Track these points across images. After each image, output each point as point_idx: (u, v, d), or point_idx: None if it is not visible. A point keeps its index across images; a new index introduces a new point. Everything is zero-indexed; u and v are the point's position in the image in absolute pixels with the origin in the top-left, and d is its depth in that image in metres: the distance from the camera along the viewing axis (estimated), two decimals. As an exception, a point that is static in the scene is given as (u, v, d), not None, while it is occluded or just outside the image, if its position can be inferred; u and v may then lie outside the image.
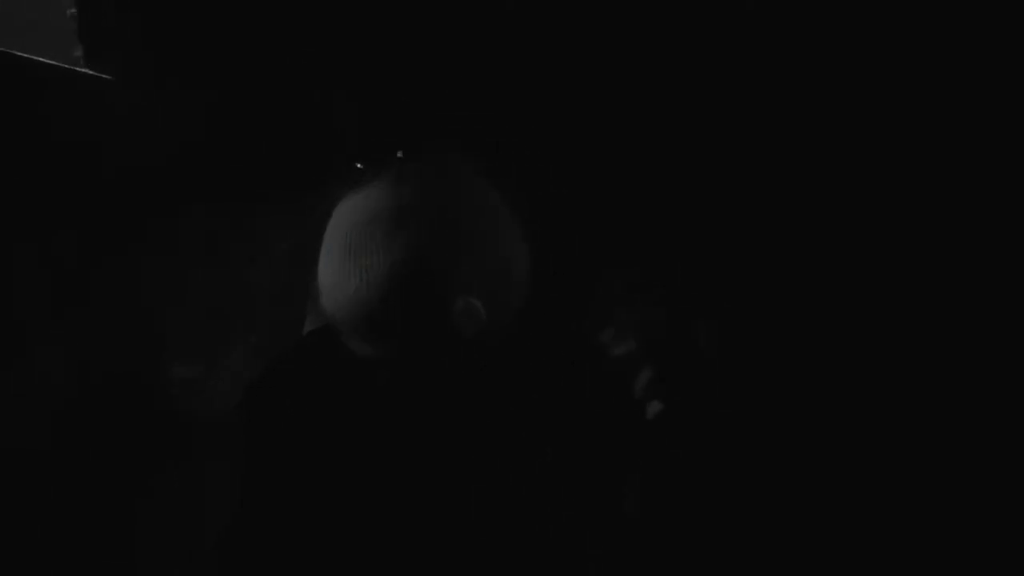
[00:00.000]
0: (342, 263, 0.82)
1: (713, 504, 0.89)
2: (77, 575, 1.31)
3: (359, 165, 1.35)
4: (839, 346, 1.07)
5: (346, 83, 1.33)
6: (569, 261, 1.11)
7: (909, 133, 1.10)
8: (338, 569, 0.86)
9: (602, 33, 1.20)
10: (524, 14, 1.22)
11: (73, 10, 1.35)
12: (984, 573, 1.00)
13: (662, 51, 1.18)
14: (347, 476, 0.87)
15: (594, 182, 1.20)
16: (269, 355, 0.97)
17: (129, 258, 1.36)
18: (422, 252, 0.80)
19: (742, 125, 1.15)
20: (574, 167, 1.21)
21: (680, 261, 1.14)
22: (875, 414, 1.04)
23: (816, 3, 1.11)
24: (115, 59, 1.38)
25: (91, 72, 1.37)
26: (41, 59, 1.35)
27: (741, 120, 1.15)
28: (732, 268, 1.13)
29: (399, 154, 1.29)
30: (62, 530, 1.30)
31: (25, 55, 1.34)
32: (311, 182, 1.37)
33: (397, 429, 0.88)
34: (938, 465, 1.02)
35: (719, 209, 1.15)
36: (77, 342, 1.33)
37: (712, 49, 1.16)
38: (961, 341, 1.05)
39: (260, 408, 0.93)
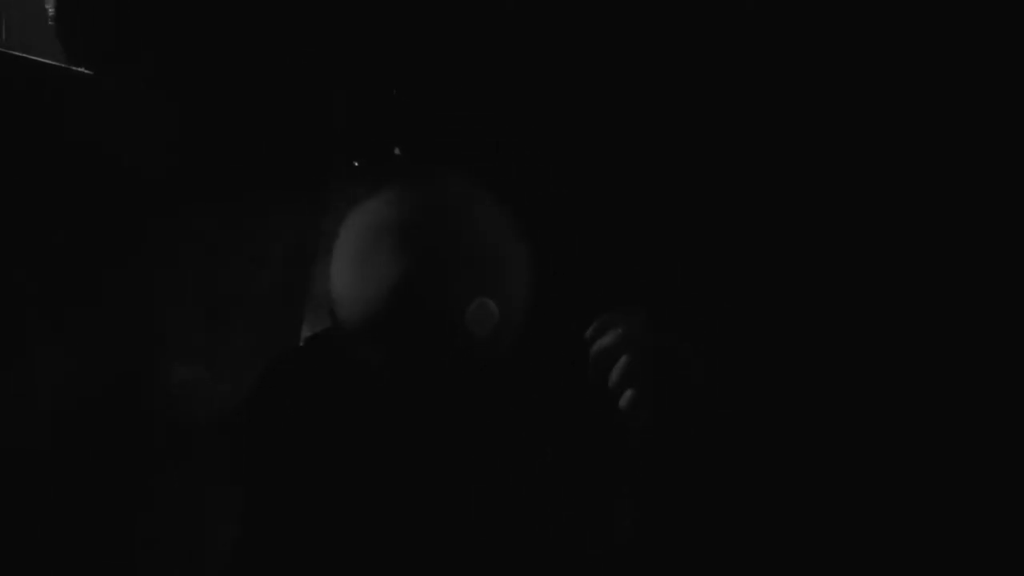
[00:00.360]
0: (355, 273, 0.85)
1: (713, 504, 0.89)
2: None
3: (356, 163, 1.35)
4: (839, 348, 1.07)
5: (346, 83, 1.33)
6: (570, 261, 1.11)
7: (909, 134, 1.10)
8: (340, 570, 0.86)
9: (602, 33, 1.20)
10: (524, 14, 1.22)
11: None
12: (984, 573, 1.00)
13: (662, 51, 1.18)
14: (348, 476, 0.88)
15: (595, 182, 1.20)
16: (269, 355, 0.98)
17: (129, 258, 1.36)
18: (432, 264, 0.83)
19: (742, 125, 1.15)
20: (574, 167, 1.21)
21: (680, 261, 1.14)
22: (876, 417, 1.04)
23: (816, 3, 1.11)
24: (115, 59, 1.38)
25: (90, 72, 1.37)
26: (40, 59, 1.35)
27: (741, 120, 1.15)
28: (732, 269, 1.13)
29: (396, 151, 1.29)
30: (62, 531, 1.30)
31: (24, 55, 1.34)
32: (311, 182, 1.38)
33: (398, 429, 0.88)
34: (938, 467, 1.02)
35: (719, 210, 1.15)
36: (77, 342, 1.33)
37: (712, 49, 1.16)
38: (961, 343, 1.05)
39: (260, 408, 0.93)
